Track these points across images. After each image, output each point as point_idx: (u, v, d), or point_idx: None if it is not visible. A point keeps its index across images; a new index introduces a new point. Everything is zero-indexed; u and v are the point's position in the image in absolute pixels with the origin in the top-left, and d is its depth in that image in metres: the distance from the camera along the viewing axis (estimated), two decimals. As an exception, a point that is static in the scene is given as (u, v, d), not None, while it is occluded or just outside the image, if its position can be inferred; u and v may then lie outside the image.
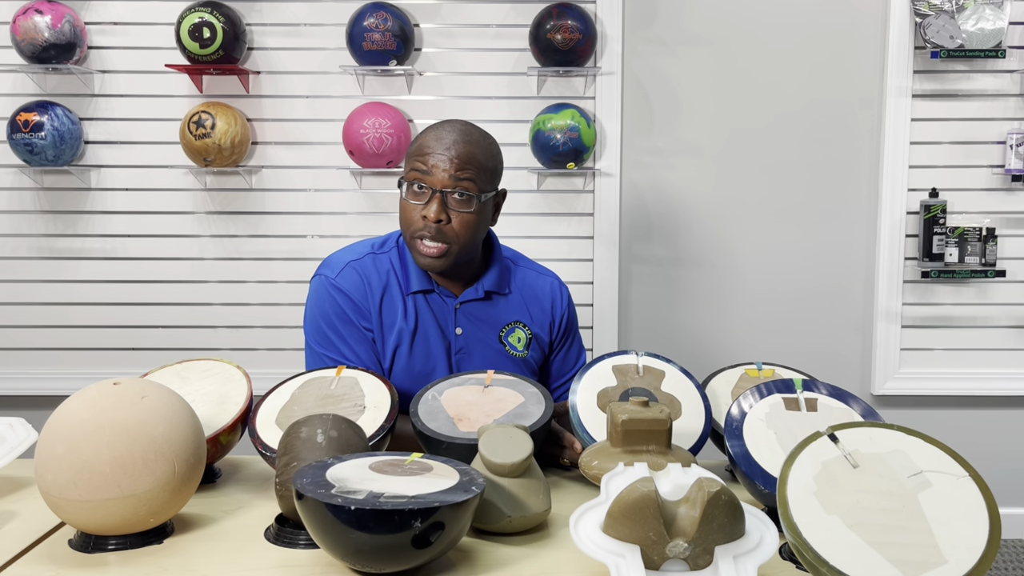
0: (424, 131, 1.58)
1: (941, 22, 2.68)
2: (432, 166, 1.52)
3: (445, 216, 1.52)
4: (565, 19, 2.63)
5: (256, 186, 2.86)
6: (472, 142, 1.55)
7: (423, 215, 1.52)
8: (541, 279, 1.74)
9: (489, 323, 1.65)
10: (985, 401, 2.93)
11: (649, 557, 0.92)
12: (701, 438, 1.35)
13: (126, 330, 2.91)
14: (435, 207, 1.51)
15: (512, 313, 1.67)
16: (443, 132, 1.55)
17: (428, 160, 1.52)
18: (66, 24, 2.66)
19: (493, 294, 1.66)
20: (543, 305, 1.71)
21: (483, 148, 1.56)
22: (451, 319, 1.63)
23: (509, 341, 1.66)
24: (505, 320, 1.66)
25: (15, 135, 2.68)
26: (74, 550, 1.11)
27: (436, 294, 1.62)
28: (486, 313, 1.65)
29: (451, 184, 1.51)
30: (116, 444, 1.05)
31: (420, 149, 1.54)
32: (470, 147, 1.54)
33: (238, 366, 1.46)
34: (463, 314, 1.63)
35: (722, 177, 2.87)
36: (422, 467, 1.08)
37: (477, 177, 1.53)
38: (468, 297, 1.63)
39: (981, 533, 0.90)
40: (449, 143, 1.53)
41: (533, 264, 1.78)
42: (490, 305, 1.66)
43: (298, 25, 2.81)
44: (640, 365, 1.47)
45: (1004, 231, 2.84)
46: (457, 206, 1.53)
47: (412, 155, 1.56)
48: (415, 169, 1.53)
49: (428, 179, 1.52)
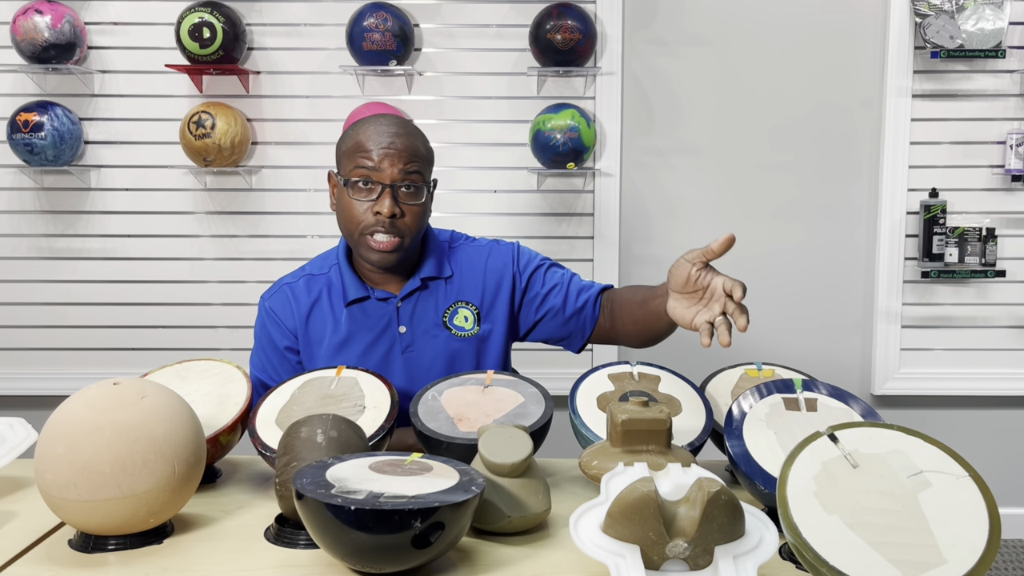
0: (355, 128, 1.56)
1: (941, 22, 2.68)
2: (379, 161, 1.51)
3: (398, 210, 1.52)
4: (565, 19, 2.63)
5: (256, 186, 2.86)
6: (412, 134, 1.55)
7: (375, 211, 1.51)
8: (476, 248, 1.70)
9: (431, 311, 1.63)
10: (985, 401, 2.93)
11: (649, 557, 0.92)
12: (702, 433, 1.34)
13: (126, 330, 2.92)
14: (388, 202, 1.50)
15: (452, 294, 1.64)
16: (381, 127, 1.54)
17: (373, 156, 1.51)
18: (66, 24, 2.66)
19: (430, 280, 1.63)
20: (489, 274, 1.67)
21: (421, 139, 1.57)
22: (394, 319, 1.61)
23: (454, 323, 1.63)
24: (445, 304, 1.64)
25: (15, 135, 2.68)
26: (74, 550, 1.10)
27: (372, 299, 1.61)
28: (427, 302, 1.63)
29: (400, 178, 1.52)
30: (116, 444, 1.05)
31: (360, 146, 1.53)
32: (411, 139, 1.54)
33: (238, 366, 1.46)
34: (405, 311, 1.62)
35: (722, 177, 2.87)
36: (422, 467, 1.08)
37: (422, 168, 1.55)
38: (407, 290, 1.61)
39: (981, 533, 0.90)
40: (391, 137, 1.52)
41: (472, 239, 1.73)
42: (430, 293, 1.63)
43: (298, 25, 2.81)
44: (635, 372, 1.48)
45: (1004, 231, 2.84)
46: (407, 199, 1.53)
47: (350, 153, 1.54)
48: (360, 167, 1.52)
49: (376, 175, 1.51)
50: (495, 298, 1.67)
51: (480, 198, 2.85)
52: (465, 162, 2.82)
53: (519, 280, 1.68)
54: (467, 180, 2.83)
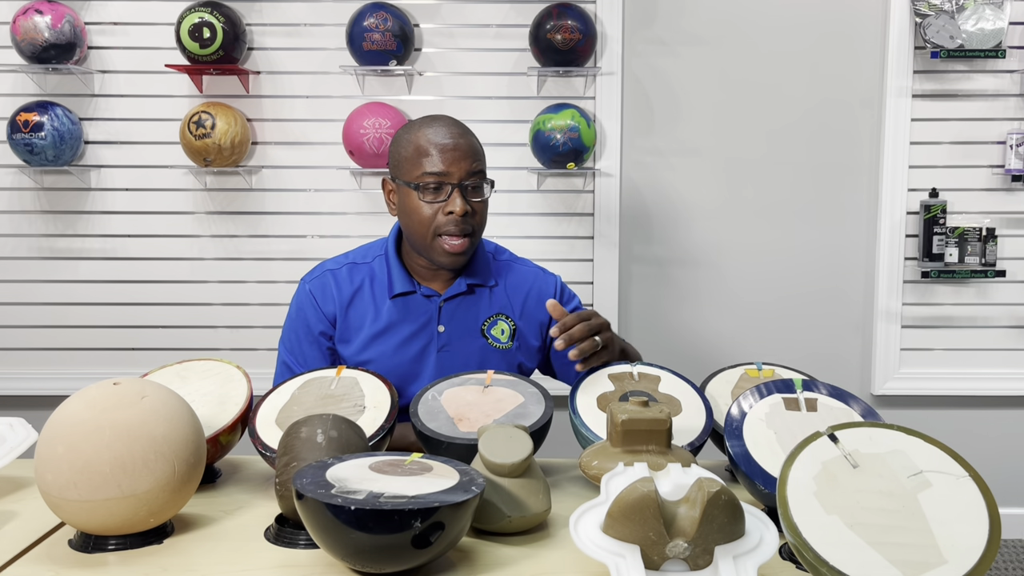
0: (411, 132, 1.59)
1: (941, 22, 2.68)
2: (447, 164, 1.54)
3: (469, 208, 1.56)
4: (565, 19, 2.63)
5: (256, 186, 2.86)
6: (468, 133, 1.61)
7: (447, 211, 1.54)
8: (524, 271, 1.74)
9: (472, 317, 1.66)
10: (985, 401, 2.93)
11: (649, 557, 0.92)
12: (702, 433, 1.34)
13: (126, 330, 2.91)
14: (460, 201, 1.55)
15: (495, 305, 1.68)
16: (439, 129, 1.58)
17: (439, 159, 1.55)
18: (66, 24, 2.66)
19: (476, 287, 1.67)
20: (529, 297, 1.71)
21: (475, 138, 1.63)
22: (435, 317, 1.64)
23: (492, 334, 1.66)
24: (487, 313, 1.67)
25: (15, 135, 2.68)
26: (74, 550, 1.11)
27: (418, 295, 1.64)
28: (469, 307, 1.66)
29: (467, 177, 1.56)
30: (116, 444, 1.05)
31: (423, 150, 1.56)
32: (469, 138, 1.60)
33: (238, 366, 1.46)
34: (447, 311, 1.64)
35: (722, 177, 2.87)
36: (422, 467, 1.08)
37: (484, 166, 1.60)
38: (452, 293, 1.64)
39: (981, 533, 0.90)
40: (454, 138, 1.57)
41: (515, 258, 1.78)
42: (473, 299, 1.66)
43: (298, 25, 2.81)
44: (635, 372, 1.48)
45: (1004, 231, 2.84)
46: (475, 196, 1.58)
47: (414, 157, 1.57)
48: (429, 172, 1.55)
49: (445, 177, 1.55)
50: (532, 322, 1.70)
51: (480, 198, 2.84)
52: (465, 162, 2.81)
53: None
54: (467, 180, 2.83)
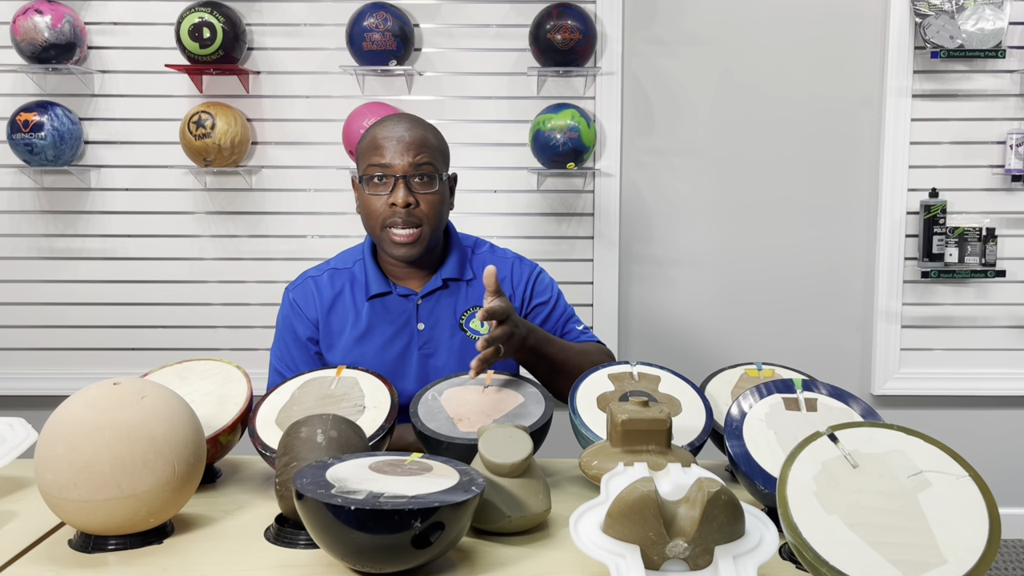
0: (370, 129, 1.62)
1: (941, 22, 2.68)
2: (391, 156, 1.56)
3: (413, 199, 1.56)
4: (565, 19, 2.63)
5: (256, 186, 2.86)
6: (422, 126, 1.61)
7: (390, 203, 1.55)
8: (502, 261, 1.73)
9: (449, 312, 1.66)
10: (985, 401, 2.93)
11: (649, 557, 0.92)
12: (702, 433, 1.34)
13: (126, 330, 2.92)
14: (402, 192, 1.55)
15: (472, 298, 1.68)
16: (391, 124, 1.59)
17: (385, 151, 1.56)
18: (66, 24, 2.66)
19: (452, 281, 1.67)
20: (503, 285, 1.69)
21: (432, 131, 1.62)
22: (413, 316, 1.64)
23: (471, 327, 1.66)
24: (464, 306, 1.67)
25: (15, 135, 2.68)
26: (74, 550, 1.10)
27: (394, 295, 1.64)
28: (447, 303, 1.66)
29: (411, 169, 1.56)
30: (116, 444, 1.05)
31: (372, 144, 1.58)
32: (421, 131, 1.60)
33: (238, 366, 1.46)
34: (425, 309, 1.65)
35: (722, 177, 2.87)
36: (422, 467, 1.08)
37: (433, 158, 1.59)
38: (428, 289, 1.65)
39: (981, 533, 0.90)
40: (401, 131, 1.57)
41: (497, 249, 1.77)
42: (450, 294, 1.67)
43: (298, 25, 2.81)
44: (635, 372, 1.48)
45: (1004, 231, 2.84)
46: (421, 188, 1.57)
47: (364, 152, 1.60)
48: (372, 164, 1.57)
49: (388, 168, 1.56)
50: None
51: (480, 198, 2.85)
52: (465, 162, 2.81)
53: (525, 304, 1.72)
54: (467, 180, 2.83)
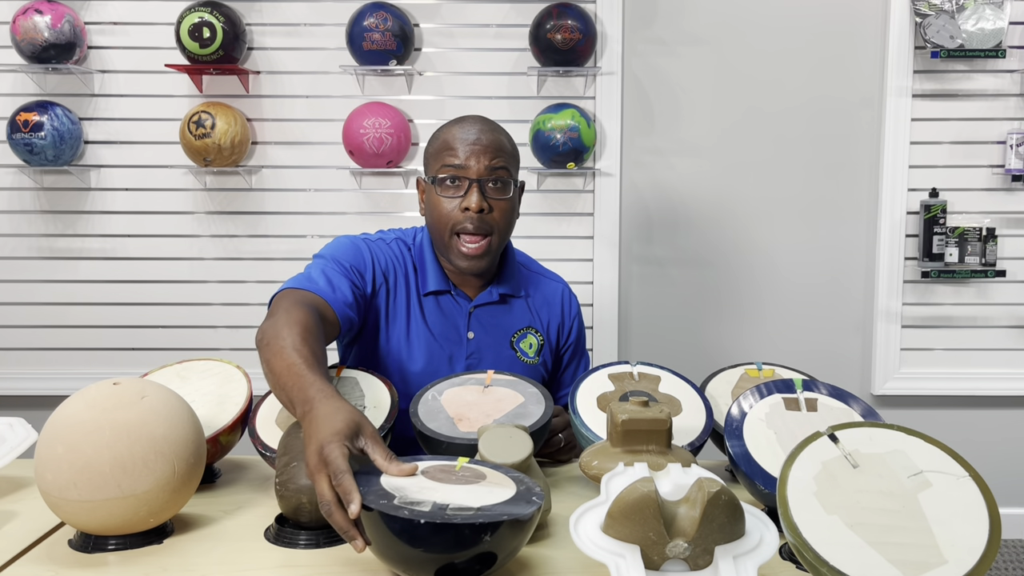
0: (443, 129, 1.56)
1: (941, 22, 2.68)
2: (466, 158, 1.50)
3: (486, 204, 1.50)
4: (565, 19, 2.63)
5: (256, 186, 2.86)
6: (497, 131, 1.56)
7: (463, 207, 1.50)
8: (552, 285, 1.71)
9: (502, 328, 1.62)
10: (985, 401, 2.93)
11: (649, 557, 0.92)
12: (702, 433, 1.34)
13: (126, 330, 2.92)
14: (476, 197, 1.49)
15: (524, 318, 1.64)
16: (466, 126, 1.54)
17: (459, 153, 1.50)
18: (66, 24, 2.66)
19: (508, 297, 1.63)
20: (553, 311, 1.68)
21: (507, 136, 1.57)
22: (464, 322, 1.59)
23: (521, 347, 1.62)
24: (517, 325, 1.63)
25: (15, 135, 2.68)
26: (74, 550, 1.10)
27: (450, 296, 1.59)
28: (500, 318, 1.62)
29: (487, 173, 1.51)
30: (116, 444, 1.05)
31: (446, 145, 1.53)
32: (497, 135, 1.54)
33: (238, 366, 1.46)
34: (476, 318, 1.60)
35: (722, 177, 2.87)
36: (475, 474, 1.05)
37: (508, 164, 1.54)
38: (482, 300, 1.60)
39: (981, 533, 0.90)
40: (476, 134, 1.52)
41: (543, 269, 1.75)
42: (504, 310, 1.62)
43: (298, 25, 2.81)
44: (635, 372, 1.47)
45: (1004, 231, 2.84)
46: (495, 194, 1.52)
47: (437, 153, 1.54)
48: (447, 165, 1.51)
49: (463, 171, 1.50)
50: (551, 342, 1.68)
51: (480, 198, 2.84)
52: (465, 162, 2.81)
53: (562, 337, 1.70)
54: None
